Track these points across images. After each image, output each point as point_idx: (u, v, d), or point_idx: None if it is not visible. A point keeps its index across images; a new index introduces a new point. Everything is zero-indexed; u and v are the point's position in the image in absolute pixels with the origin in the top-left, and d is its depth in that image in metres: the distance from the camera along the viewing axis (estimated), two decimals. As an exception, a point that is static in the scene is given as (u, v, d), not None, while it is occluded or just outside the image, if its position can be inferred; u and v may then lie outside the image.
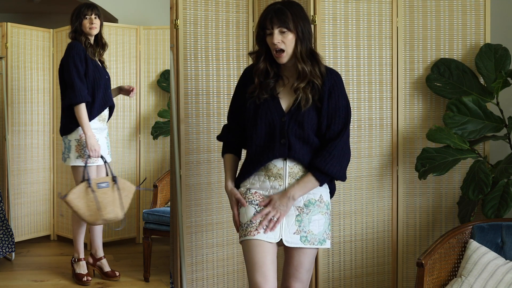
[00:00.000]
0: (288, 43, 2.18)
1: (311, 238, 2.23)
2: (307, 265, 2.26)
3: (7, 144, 4.02)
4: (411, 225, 3.19)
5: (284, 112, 2.24)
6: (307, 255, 2.25)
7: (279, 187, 2.24)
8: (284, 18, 2.16)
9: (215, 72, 3.16)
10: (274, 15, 2.17)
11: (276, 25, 2.16)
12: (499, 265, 2.52)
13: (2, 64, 4.06)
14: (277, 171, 2.24)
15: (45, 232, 4.36)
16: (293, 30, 2.17)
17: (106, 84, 3.35)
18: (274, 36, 2.16)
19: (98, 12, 3.34)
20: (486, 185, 2.76)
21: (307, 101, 2.20)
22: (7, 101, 4.07)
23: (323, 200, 2.27)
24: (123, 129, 4.18)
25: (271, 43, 2.19)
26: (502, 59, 3.02)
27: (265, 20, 2.18)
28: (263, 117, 2.25)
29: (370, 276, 3.19)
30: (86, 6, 3.32)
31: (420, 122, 3.17)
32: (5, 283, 3.49)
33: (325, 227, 2.27)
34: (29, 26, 4.24)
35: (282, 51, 2.18)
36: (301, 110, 2.20)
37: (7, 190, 4.02)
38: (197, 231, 3.14)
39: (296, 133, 2.21)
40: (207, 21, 3.12)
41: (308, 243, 2.23)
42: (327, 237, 2.27)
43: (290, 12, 2.17)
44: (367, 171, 3.14)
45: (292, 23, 2.16)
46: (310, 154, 2.24)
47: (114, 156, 3.70)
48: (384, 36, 3.14)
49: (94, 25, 3.29)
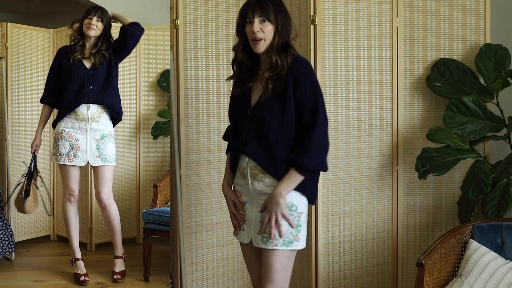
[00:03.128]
0: (267, 33, 2.19)
1: (272, 239, 2.17)
2: (276, 266, 2.19)
3: (7, 144, 4.02)
4: (411, 225, 3.19)
5: (251, 106, 2.24)
6: (274, 256, 2.18)
7: (245, 185, 2.26)
8: (265, 8, 2.18)
9: (215, 72, 3.16)
10: (256, 4, 2.20)
11: (257, 14, 2.19)
12: (499, 265, 2.52)
13: (2, 64, 4.06)
14: (242, 170, 2.27)
15: (45, 232, 4.36)
16: (273, 21, 2.19)
17: (84, 83, 3.33)
18: (254, 25, 2.18)
19: (101, 15, 3.37)
20: (486, 185, 2.76)
21: (266, 91, 2.18)
22: (7, 101, 4.07)
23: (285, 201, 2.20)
24: (123, 129, 4.17)
25: (250, 31, 2.20)
26: (502, 59, 3.02)
27: (247, 9, 2.21)
28: (233, 111, 2.31)
29: (370, 276, 3.19)
30: (92, 7, 3.40)
31: (420, 122, 3.17)
32: (5, 283, 3.49)
33: (290, 229, 2.18)
34: (29, 26, 4.24)
35: (261, 39, 2.19)
36: (265, 103, 2.18)
37: (7, 190, 4.02)
38: (197, 231, 3.14)
39: (255, 128, 2.20)
40: (207, 21, 3.12)
41: (270, 245, 2.17)
42: (294, 238, 2.19)
43: (272, 4, 2.20)
44: (367, 171, 3.14)
45: (273, 14, 2.19)
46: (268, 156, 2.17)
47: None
48: (384, 36, 3.14)
49: (92, 26, 3.33)
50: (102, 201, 3.42)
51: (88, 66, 3.38)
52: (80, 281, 3.41)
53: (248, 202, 2.28)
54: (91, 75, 3.35)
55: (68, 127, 3.35)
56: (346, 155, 3.10)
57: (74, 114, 3.34)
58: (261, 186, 2.21)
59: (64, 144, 3.35)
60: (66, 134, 3.35)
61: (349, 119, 3.10)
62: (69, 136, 3.35)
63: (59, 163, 3.39)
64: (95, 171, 3.44)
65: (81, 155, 3.35)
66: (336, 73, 3.08)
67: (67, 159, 3.35)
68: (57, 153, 3.37)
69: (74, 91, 3.33)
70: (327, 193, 3.07)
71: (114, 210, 3.47)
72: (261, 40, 2.19)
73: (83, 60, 3.39)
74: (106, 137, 3.40)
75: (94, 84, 3.34)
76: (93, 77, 3.34)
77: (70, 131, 3.35)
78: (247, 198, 2.28)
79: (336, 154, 3.08)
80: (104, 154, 3.38)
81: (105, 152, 3.39)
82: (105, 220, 3.53)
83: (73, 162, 3.35)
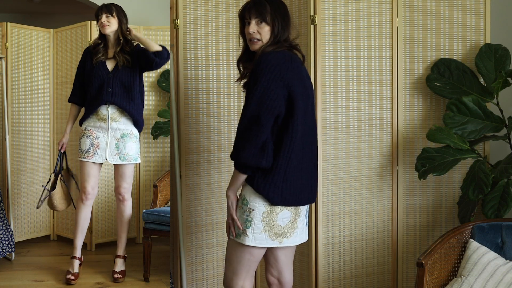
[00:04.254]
0: (263, 34, 2.26)
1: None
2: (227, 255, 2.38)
3: (7, 144, 4.02)
4: (411, 225, 3.19)
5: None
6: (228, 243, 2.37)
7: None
8: (261, 10, 2.24)
9: (215, 72, 3.16)
10: (253, 6, 2.26)
11: (253, 16, 2.25)
12: (499, 265, 2.52)
13: (2, 64, 4.06)
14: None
15: (45, 232, 4.36)
16: (269, 23, 2.25)
17: (103, 84, 3.38)
18: (251, 26, 2.26)
19: (109, 11, 3.41)
20: (486, 185, 2.75)
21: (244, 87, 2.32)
22: (7, 101, 4.07)
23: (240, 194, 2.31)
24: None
25: (247, 32, 2.28)
26: (502, 59, 3.02)
27: (244, 10, 2.29)
28: None
29: (370, 276, 3.19)
30: (99, 8, 3.45)
31: (420, 122, 3.17)
32: (5, 283, 3.49)
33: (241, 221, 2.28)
34: (29, 26, 4.24)
35: (257, 40, 2.26)
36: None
37: (7, 190, 4.02)
38: (197, 231, 3.14)
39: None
40: (207, 21, 3.12)
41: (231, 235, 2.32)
42: (242, 232, 2.27)
43: (270, 6, 2.25)
44: (367, 171, 3.14)
45: (270, 16, 2.24)
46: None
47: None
48: (384, 36, 3.14)
49: (105, 23, 3.38)
50: (121, 193, 3.51)
51: (110, 68, 3.42)
52: (66, 278, 3.43)
53: None
54: (111, 78, 3.39)
55: (90, 125, 3.44)
56: (346, 155, 3.10)
57: (96, 113, 3.42)
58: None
59: (85, 141, 3.43)
60: (88, 132, 3.43)
61: (349, 119, 3.10)
62: (91, 134, 3.43)
63: (79, 159, 3.47)
64: (115, 168, 3.51)
65: (100, 153, 3.42)
66: (336, 73, 3.08)
67: (86, 156, 3.42)
68: (79, 150, 3.47)
69: (95, 92, 3.40)
70: (327, 193, 3.07)
71: (129, 206, 3.57)
72: (258, 40, 2.26)
73: (106, 61, 3.43)
74: (126, 136, 3.44)
75: (114, 86, 3.38)
76: (112, 79, 3.38)
77: (92, 129, 3.43)
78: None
79: (336, 154, 3.08)
80: (123, 153, 3.44)
81: (124, 151, 3.44)
82: (117, 215, 3.59)
83: (91, 159, 3.41)
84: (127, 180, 3.51)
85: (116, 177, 3.52)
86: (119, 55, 3.40)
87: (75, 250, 3.51)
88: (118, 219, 3.59)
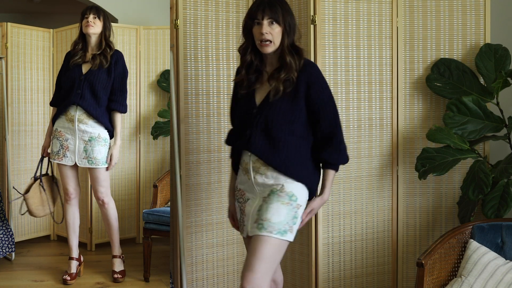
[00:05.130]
0: (275, 35, 2.23)
1: (268, 226, 2.15)
2: (261, 254, 2.13)
3: (7, 144, 4.02)
4: (411, 225, 3.19)
5: (255, 105, 2.29)
6: (261, 243, 2.14)
7: (248, 180, 2.30)
8: (275, 10, 2.22)
9: (215, 72, 3.16)
10: (267, 6, 2.23)
11: (266, 16, 2.22)
12: (499, 265, 2.52)
13: (2, 64, 4.06)
14: (245, 165, 2.31)
15: (45, 232, 4.36)
16: (281, 23, 2.23)
17: (73, 85, 3.35)
18: (263, 27, 2.21)
19: (97, 13, 3.40)
20: (486, 185, 2.75)
21: (277, 92, 2.23)
22: (7, 101, 4.07)
23: (284, 190, 2.22)
24: (123, 129, 4.17)
25: (258, 33, 2.23)
26: (502, 59, 3.02)
27: (257, 11, 2.24)
28: (237, 110, 2.36)
29: (370, 276, 3.19)
30: (87, 8, 3.43)
31: (420, 122, 3.17)
32: (5, 283, 3.49)
33: (287, 219, 2.18)
34: (29, 26, 4.24)
35: (269, 41, 2.23)
36: (271, 102, 2.24)
37: (7, 190, 4.02)
38: (197, 231, 3.14)
39: (262, 126, 2.25)
40: (207, 21, 3.12)
41: (265, 231, 2.14)
42: (289, 229, 2.18)
43: (280, 7, 2.24)
44: (367, 171, 3.14)
45: (282, 17, 2.23)
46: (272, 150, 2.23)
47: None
48: (384, 36, 3.14)
49: (90, 23, 3.35)
50: (99, 198, 3.45)
51: (84, 70, 3.39)
52: (63, 278, 3.44)
53: (251, 198, 2.31)
54: (82, 80, 3.35)
55: (60, 126, 3.40)
56: (346, 155, 3.10)
57: (65, 114, 3.39)
58: (263, 179, 2.26)
59: (55, 143, 3.40)
60: (58, 133, 3.40)
61: (349, 119, 3.10)
62: (60, 135, 3.39)
63: (52, 161, 3.46)
64: (89, 171, 3.48)
65: (70, 155, 3.38)
66: (336, 73, 3.08)
67: (57, 158, 3.40)
68: (51, 151, 3.45)
69: (65, 92, 3.38)
70: (327, 193, 3.07)
71: (111, 208, 3.50)
72: (270, 42, 2.23)
73: (82, 64, 3.40)
74: (94, 139, 3.36)
75: (84, 89, 3.33)
76: (84, 82, 3.34)
77: (61, 131, 3.39)
78: (251, 194, 2.32)
79: (336, 154, 3.07)
80: (91, 157, 3.36)
81: (92, 155, 3.36)
82: (103, 218, 3.56)
83: (62, 161, 3.39)
84: (103, 184, 3.42)
85: (91, 181, 3.49)
86: (95, 57, 3.36)
87: (71, 251, 3.51)
88: (105, 223, 3.55)
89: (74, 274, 3.46)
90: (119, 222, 3.58)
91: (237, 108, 2.39)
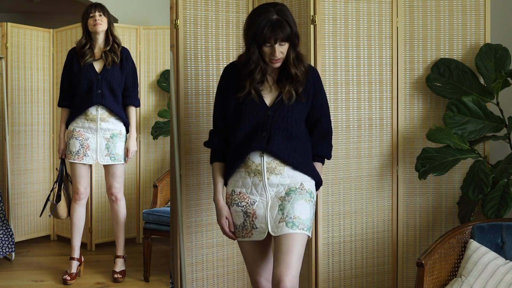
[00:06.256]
0: (284, 52, 2.25)
1: (299, 223, 2.25)
2: (296, 250, 2.22)
3: (7, 144, 4.02)
4: (411, 225, 3.19)
5: (267, 107, 2.31)
6: (296, 240, 2.23)
7: (259, 182, 2.29)
8: (285, 31, 2.20)
9: (215, 72, 3.16)
10: (278, 28, 2.18)
11: (279, 39, 2.21)
12: (499, 265, 2.52)
13: (2, 64, 4.06)
14: (255, 167, 2.29)
15: (45, 232, 4.36)
16: (289, 40, 2.23)
17: (92, 85, 3.36)
18: (276, 50, 2.22)
19: (102, 10, 3.40)
20: (486, 185, 2.76)
21: (291, 97, 2.30)
22: (7, 101, 4.07)
23: (304, 187, 2.31)
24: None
25: (269, 53, 2.23)
26: (502, 59, 3.02)
27: (270, 37, 2.20)
28: (247, 113, 2.32)
29: (370, 276, 3.19)
30: (90, 6, 3.42)
31: (420, 122, 3.17)
32: (5, 283, 3.49)
33: (311, 215, 2.31)
34: (29, 26, 4.24)
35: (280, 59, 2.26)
36: (285, 104, 2.30)
37: (7, 190, 4.02)
38: (197, 231, 3.14)
39: (280, 127, 2.29)
40: (207, 21, 3.12)
41: (297, 229, 2.23)
42: (311, 225, 2.32)
43: (288, 23, 2.20)
44: (367, 171, 3.14)
45: (290, 33, 2.22)
46: (291, 150, 2.30)
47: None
48: (384, 36, 3.14)
49: (98, 21, 3.36)
50: (113, 194, 3.49)
51: (98, 69, 3.40)
52: (63, 278, 3.44)
53: (259, 200, 2.31)
54: (100, 79, 3.37)
55: (79, 127, 3.41)
56: (346, 155, 3.10)
57: (84, 115, 3.40)
58: (278, 179, 2.29)
59: (74, 143, 3.39)
60: (76, 133, 3.40)
61: (349, 119, 3.10)
62: (80, 135, 3.40)
63: (69, 161, 3.44)
64: (106, 168, 3.49)
65: (91, 154, 3.40)
66: (336, 73, 3.08)
67: (76, 158, 3.39)
68: (68, 152, 3.43)
69: (84, 94, 3.38)
70: (327, 193, 3.07)
71: (122, 205, 3.54)
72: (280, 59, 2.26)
73: (94, 62, 3.40)
74: (116, 136, 3.43)
75: (103, 88, 3.37)
76: (101, 81, 3.37)
77: (80, 130, 3.40)
78: (257, 196, 2.31)
79: (336, 154, 3.07)
80: (113, 153, 3.42)
81: (114, 151, 3.42)
82: (112, 215, 3.57)
83: (82, 161, 3.39)
84: (118, 180, 3.49)
85: (107, 177, 3.50)
86: (107, 54, 3.38)
87: (73, 251, 3.50)
88: (114, 220, 3.57)
89: (74, 274, 3.46)
90: (120, 222, 3.59)
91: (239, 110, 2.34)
